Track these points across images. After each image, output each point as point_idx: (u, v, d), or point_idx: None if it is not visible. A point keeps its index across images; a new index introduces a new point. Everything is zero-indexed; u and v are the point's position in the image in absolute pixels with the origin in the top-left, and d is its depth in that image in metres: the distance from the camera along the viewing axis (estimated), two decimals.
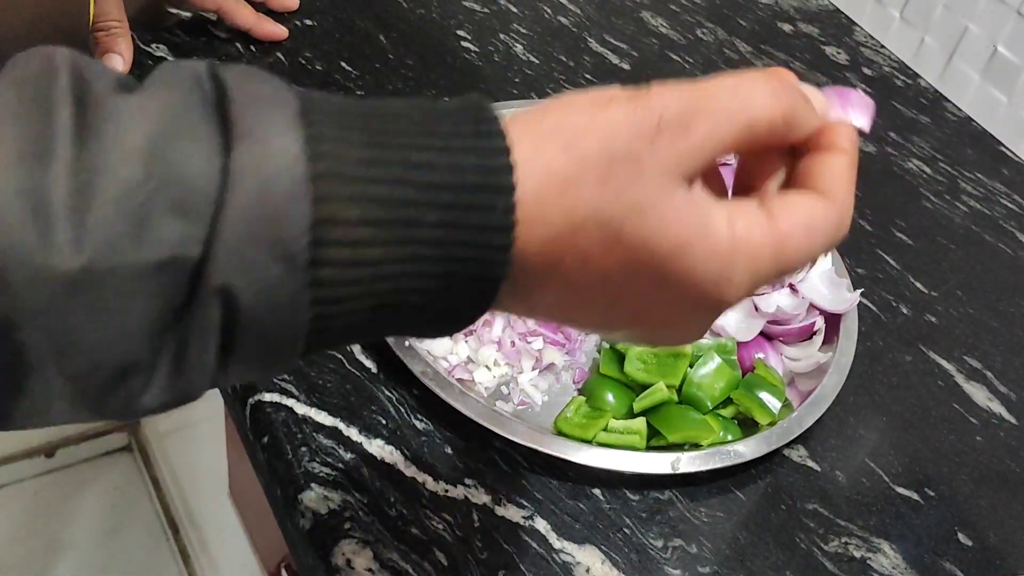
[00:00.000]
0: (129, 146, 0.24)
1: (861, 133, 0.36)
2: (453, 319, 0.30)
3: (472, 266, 0.28)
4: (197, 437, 1.23)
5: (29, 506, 1.57)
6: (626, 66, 0.93)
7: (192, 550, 1.45)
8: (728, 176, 0.39)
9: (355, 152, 0.26)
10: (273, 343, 0.27)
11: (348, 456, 0.57)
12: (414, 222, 0.27)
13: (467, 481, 0.58)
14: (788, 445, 0.63)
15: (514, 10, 0.97)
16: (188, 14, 0.86)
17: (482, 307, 0.29)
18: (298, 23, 0.87)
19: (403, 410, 0.60)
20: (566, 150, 0.29)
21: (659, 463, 0.58)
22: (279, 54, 0.84)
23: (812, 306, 0.68)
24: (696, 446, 0.59)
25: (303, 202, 0.25)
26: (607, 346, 0.64)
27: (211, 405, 0.68)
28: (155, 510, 1.57)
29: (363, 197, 0.26)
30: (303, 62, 0.84)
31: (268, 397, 0.59)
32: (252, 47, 0.84)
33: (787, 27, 1.05)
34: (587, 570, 0.55)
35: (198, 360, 0.27)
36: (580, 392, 0.63)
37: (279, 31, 0.85)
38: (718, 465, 0.59)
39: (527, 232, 0.28)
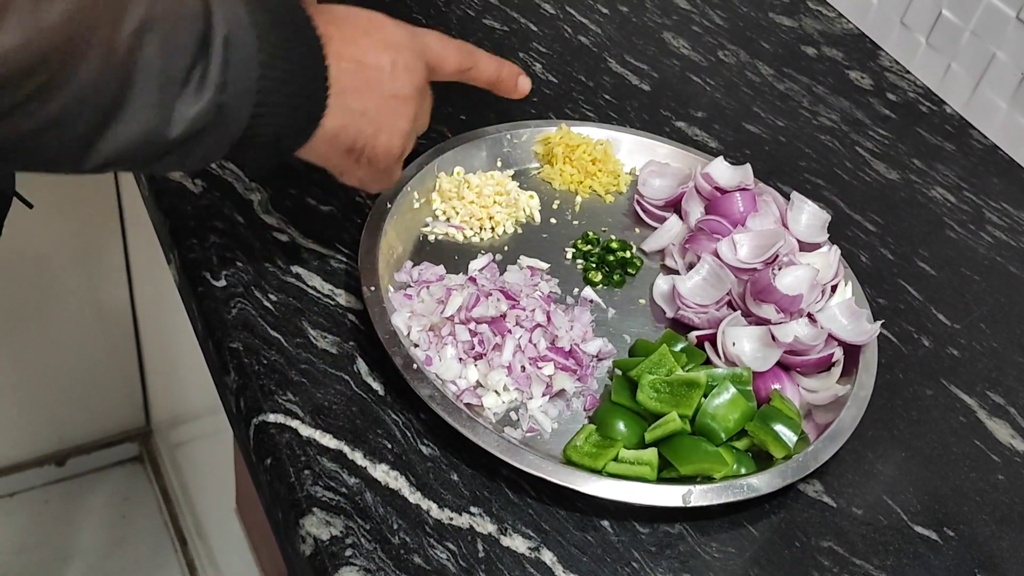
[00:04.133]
0: None
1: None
2: (303, 73, 0.53)
3: (305, 50, 0.53)
4: (208, 450, 1.22)
5: (38, 514, 1.57)
6: (646, 87, 0.92)
7: (199, 562, 1.44)
8: (748, 200, 0.73)
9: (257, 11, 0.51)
10: (244, 55, 0.49)
11: (352, 480, 0.56)
12: (280, 28, 0.52)
13: (472, 509, 0.56)
14: (803, 480, 0.61)
15: (534, 29, 0.96)
16: None
17: (318, 66, 0.54)
18: None
19: (409, 435, 0.59)
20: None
21: (670, 496, 0.57)
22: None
23: (831, 337, 0.66)
24: (708, 479, 0.58)
25: (241, 1, 0.50)
26: (619, 373, 0.63)
27: (223, 419, 0.67)
28: (163, 521, 1.56)
29: (261, 15, 0.51)
30: None
31: (272, 418, 0.58)
32: None
33: (811, 50, 1.04)
34: None
35: (212, 71, 0.48)
36: (591, 420, 0.62)
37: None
38: (731, 499, 0.57)
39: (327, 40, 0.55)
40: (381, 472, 0.57)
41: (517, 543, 0.55)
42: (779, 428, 0.60)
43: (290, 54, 0.52)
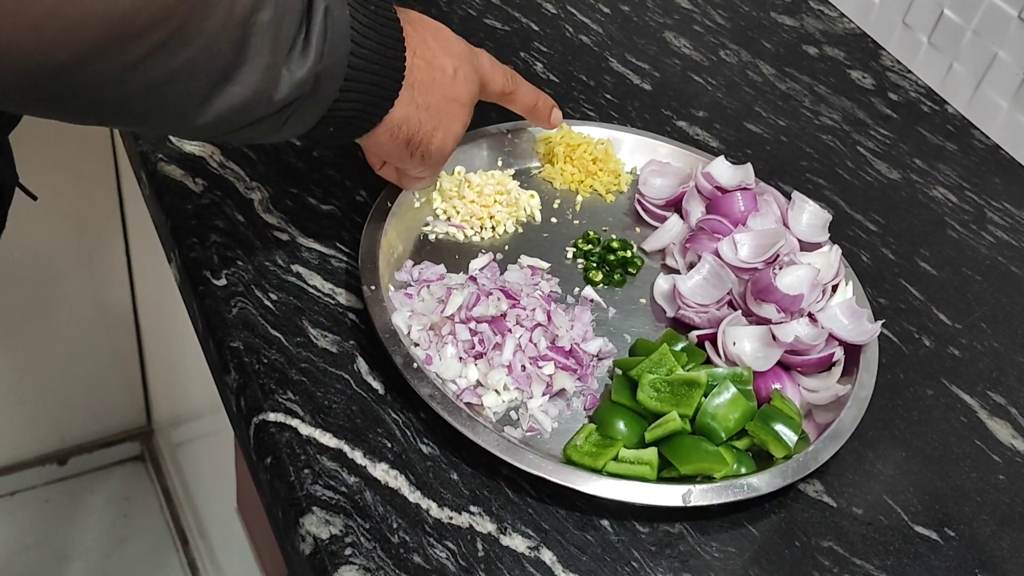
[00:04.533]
0: None
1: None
2: (391, 49, 0.56)
3: (389, 33, 0.56)
4: (209, 449, 1.23)
5: (40, 513, 1.57)
6: (647, 86, 0.92)
7: (201, 561, 1.44)
8: (749, 199, 0.74)
9: None
10: (340, 29, 0.52)
11: (352, 479, 0.56)
12: (367, 5, 0.55)
13: (472, 508, 0.56)
14: (804, 479, 0.61)
15: (535, 28, 0.96)
16: None
17: (399, 45, 0.57)
18: None
19: (409, 434, 0.59)
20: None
21: (670, 495, 0.56)
22: None
23: (831, 336, 0.66)
24: (709, 478, 0.58)
25: None
26: (620, 373, 0.63)
27: (224, 418, 0.67)
28: (165, 520, 1.56)
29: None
30: None
31: (273, 417, 0.58)
32: None
33: (812, 50, 1.04)
34: None
35: (313, 40, 0.50)
36: (591, 419, 0.62)
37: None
38: (731, 499, 0.57)
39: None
40: (381, 471, 0.57)
41: (517, 542, 0.55)
42: (779, 428, 0.60)
43: (377, 35, 0.54)
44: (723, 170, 0.76)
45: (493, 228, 0.73)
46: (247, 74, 0.47)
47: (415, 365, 0.59)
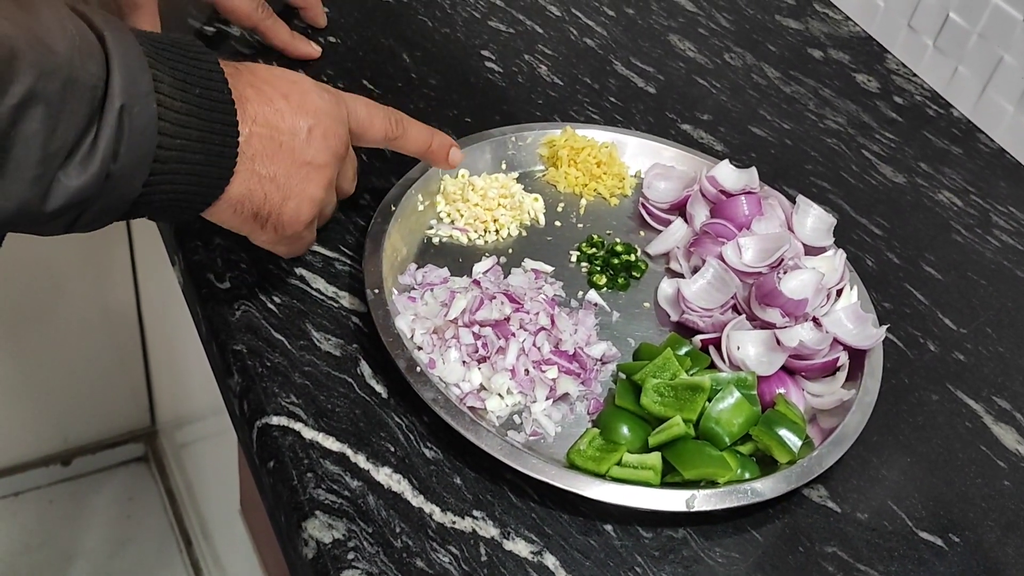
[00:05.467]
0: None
1: None
2: (220, 136, 0.53)
3: (216, 116, 0.53)
4: (212, 450, 1.23)
5: (44, 514, 1.57)
6: (652, 89, 0.92)
7: (204, 563, 1.44)
8: (754, 203, 0.73)
9: (165, 55, 0.51)
10: (141, 124, 0.49)
11: (355, 484, 0.56)
12: (189, 91, 0.51)
13: (475, 513, 0.56)
14: (808, 485, 0.61)
15: (540, 31, 0.96)
16: (211, 29, 0.85)
17: (231, 117, 0.53)
18: (321, 40, 0.87)
19: (412, 438, 0.59)
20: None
21: (674, 500, 0.56)
22: (301, 71, 0.83)
23: (836, 341, 0.66)
24: (712, 483, 0.58)
25: (146, 68, 0.49)
26: (623, 377, 0.63)
27: (227, 420, 0.67)
28: (168, 521, 1.56)
29: (170, 78, 0.50)
30: (325, 80, 0.83)
31: (276, 420, 0.58)
32: (274, 63, 0.83)
33: (817, 53, 1.04)
34: None
35: (102, 142, 0.47)
36: (594, 424, 0.62)
37: (313, 51, 0.85)
38: (735, 504, 0.57)
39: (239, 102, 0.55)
40: (384, 475, 0.57)
41: (520, 547, 0.55)
42: (783, 433, 0.60)
43: (197, 122, 0.51)
44: (727, 174, 0.76)
45: (497, 231, 0.73)
46: (9, 188, 0.44)
47: (418, 369, 0.59)
